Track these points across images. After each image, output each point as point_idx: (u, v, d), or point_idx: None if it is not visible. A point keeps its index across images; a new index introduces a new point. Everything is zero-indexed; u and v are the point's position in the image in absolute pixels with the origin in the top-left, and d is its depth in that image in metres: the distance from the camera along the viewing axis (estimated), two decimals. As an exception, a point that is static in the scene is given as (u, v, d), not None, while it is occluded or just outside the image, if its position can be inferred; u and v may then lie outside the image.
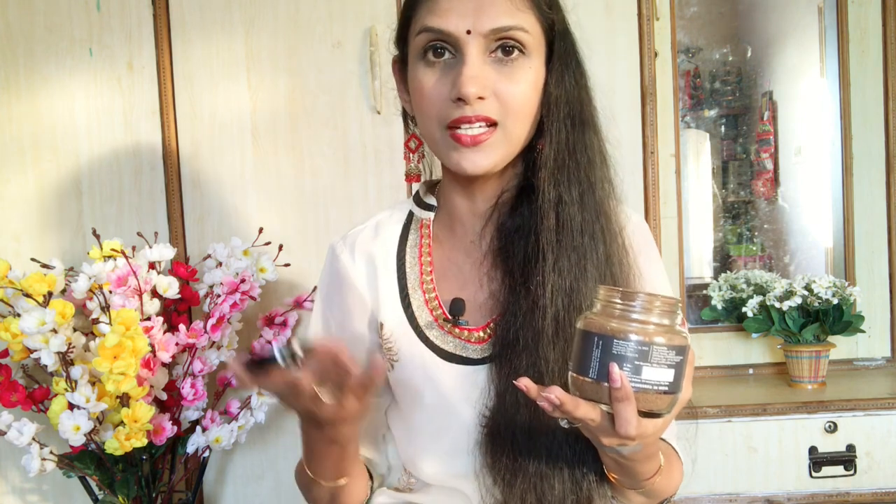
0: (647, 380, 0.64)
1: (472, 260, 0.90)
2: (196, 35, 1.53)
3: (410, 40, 0.83)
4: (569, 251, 0.81)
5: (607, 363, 0.64)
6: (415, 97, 0.84)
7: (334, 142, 1.54)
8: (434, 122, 0.81)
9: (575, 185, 0.82)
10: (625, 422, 0.64)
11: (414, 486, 0.94)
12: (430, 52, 0.81)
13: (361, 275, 0.92)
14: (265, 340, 1.46)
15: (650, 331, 0.64)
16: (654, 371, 0.64)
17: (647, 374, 0.64)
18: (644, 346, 0.64)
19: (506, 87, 0.80)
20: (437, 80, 0.80)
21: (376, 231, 0.94)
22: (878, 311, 1.71)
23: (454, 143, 0.80)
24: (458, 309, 0.86)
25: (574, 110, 0.83)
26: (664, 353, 0.64)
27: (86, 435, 1.23)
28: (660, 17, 1.62)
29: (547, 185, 0.82)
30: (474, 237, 0.90)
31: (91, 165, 1.54)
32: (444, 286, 0.90)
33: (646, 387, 0.64)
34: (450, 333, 0.87)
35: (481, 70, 0.79)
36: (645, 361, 0.64)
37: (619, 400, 0.63)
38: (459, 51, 0.79)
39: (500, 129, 0.80)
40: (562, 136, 0.83)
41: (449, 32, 0.79)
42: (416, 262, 0.91)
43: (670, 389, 0.65)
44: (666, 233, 1.66)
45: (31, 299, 1.23)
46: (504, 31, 0.79)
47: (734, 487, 1.43)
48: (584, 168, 0.83)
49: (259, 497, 1.58)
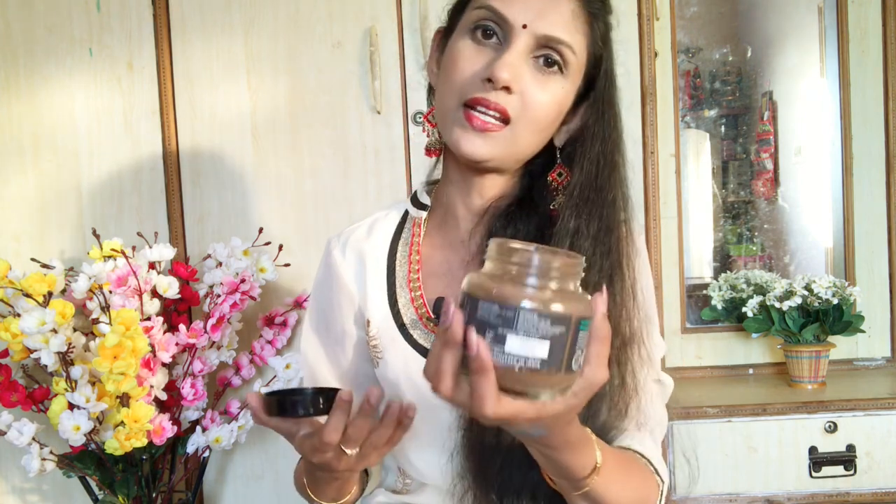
0: (512, 351, 0.54)
1: (461, 258, 0.90)
2: (196, 35, 1.53)
3: (466, 12, 0.83)
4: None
5: (469, 326, 0.55)
6: (447, 65, 0.83)
7: (334, 142, 1.54)
8: (454, 94, 0.81)
9: (595, 220, 0.83)
10: (478, 398, 0.56)
11: (410, 486, 0.95)
12: (479, 29, 0.81)
13: (350, 271, 0.93)
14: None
15: (520, 293, 0.54)
16: (522, 342, 0.54)
17: (513, 346, 0.54)
18: (509, 310, 0.54)
19: (534, 92, 0.80)
20: (475, 55, 0.81)
21: (370, 229, 0.96)
22: (878, 311, 1.71)
23: (463, 121, 0.80)
24: (441, 308, 0.86)
25: (607, 149, 0.84)
26: (535, 321, 0.53)
27: (86, 435, 1.23)
28: (660, 17, 1.62)
29: (568, 213, 0.83)
30: (465, 234, 0.90)
31: (91, 165, 1.54)
32: (430, 284, 0.91)
33: (510, 359, 0.54)
34: (432, 332, 0.88)
35: (519, 64, 0.79)
36: (510, 329, 0.54)
37: (473, 371, 0.55)
38: (507, 39, 0.80)
39: (510, 127, 0.80)
40: (592, 171, 0.83)
41: (507, 19, 0.79)
42: (405, 260, 0.92)
43: (544, 366, 0.54)
44: (666, 233, 1.66)
45: (31, 299, 1.23)
46: (556, 42, 0.80)
47: (734, 487, 1.43)
48: (607, 207, 0.84)
49: (259, 497, 1.58)
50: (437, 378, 0.59)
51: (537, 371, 0.55)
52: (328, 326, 0.96)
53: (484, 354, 0.54)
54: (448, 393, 0.59)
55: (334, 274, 0.95)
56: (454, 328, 0.56)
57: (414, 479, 0.94)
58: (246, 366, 1.48)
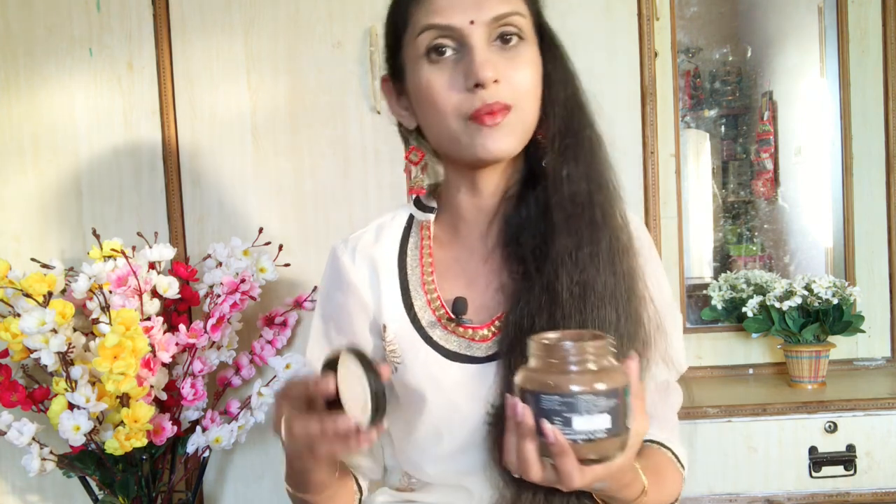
0: (581, 430, 0.63)
1: (478, 257, 0.90)
2: (196, 35, 1.53)
3: (408, 45, 0.84)
4: (583, 223, 0.83)
5: (540, 418, 0.64)
6: (424, 98, 0.83)
7: (334, 142, 1.54)
8: (452, 116, 0.82)
9: (581, 160, 0.85)
10: (565, 475, 0.66)
11: (415, 485, 0.94)
12: (433, 51, 0.81)
13: (363, 278, 0.92)
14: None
15: (573, 381, 0.63)
16: (587, 420, 0.63)
17: (580, 425, 0.63)
18: (569, 397, 0.63)
19: (513, 73, 0.81)
20: (449, 75, 0.81)
21: (377, 235, 0.95)
22: (878, 311, 1.71)
23: (478, 127, 0.81)
24: (461, 307, 0.86)
25: (570, 92, 0.86)
26: (592, 401, 0.63)
27: (86, 435, 1.23)
28: (660, 17, 1.62)
29: (556, 164, 0.84)
30: (480, 234, 0.91)
31: (91, 165, 1.54)
32: (446, 286, 0.90)
33: (581, 437, 0.63)
34: (453, 333, 0.88)
35: (490, 56, 0.80)
36: (574, 412, 0.63)
37: (555, 454, 0.65)
38: (465, 44, 0.80)
39: (514, 111, 0.82)
40: (564, 116, 0.85)
41: (452, 26, 0.80)
42: (417, 264, 0.92)
43: (610, 434, 0.64)
44: (666, 233, 1.66)
45: (31, 299, 1.23)
46: (505, 18, 0.81)
47: (734, 487, 1.43)
48: (586, 145, 0.86)
49: (259, 497, 1.58)
50: (526, 466, 0.69)
51: (605, 439, 0.64)
52: (339, 333, 0.95)
53: (561, 440, 0.64)
54: (538, 477, 0.69)
55: (345, 281, 0.93)
56: (527, 421, 0.66)
57: (419, 479, 0.94)
58: (246, 366, 1.48)
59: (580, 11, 1.55)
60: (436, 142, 0.87)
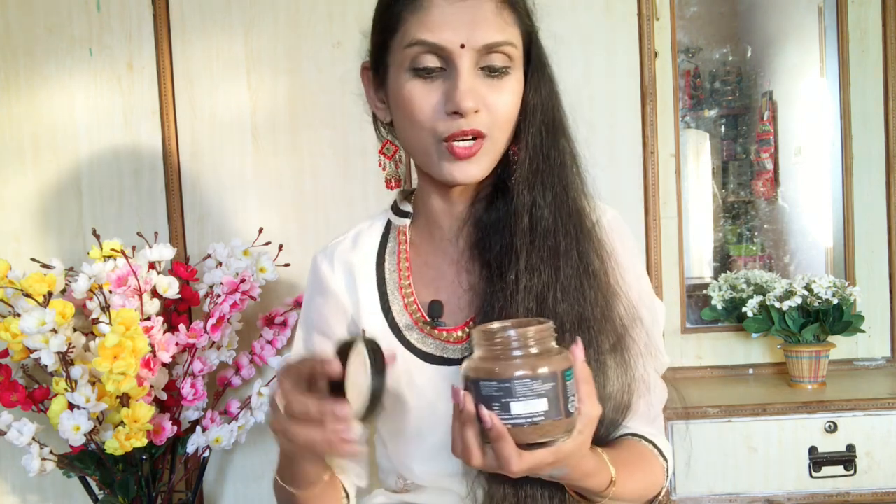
0: (518, 414, 0.65)
1: (450, 260, 0.92)
2: (196, 35, 1.53)
3: (395, 51, 0.84)
4: (542, 251, 0.83)
5: (479, 405, 0.66)
6: (402, 108, 0.84)
7: (334, 142, 1.54)
8: (427, 134, 0.82)
9: (549, 188, 0.85)
10: (504, 459, 0.67)
11: (409, 486, 0.95)
12: (419, 65, 0.81)
13: (340, 283, 0.95)
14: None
15: (510, 366, 0.65)
16: (524, 405, 0.64)
17: (517, 409, 0.65)
18: (504, 382, 0.64)
19: (495, 100, 0.81)
20: (429, 92, 0.81)
21: (355, 241, 0.97)
22: (878, 311, 1.71)
23: (449, 155, 0.82)
24: (436, 311, 0.88)
25: (547, 117, 0.86)
26: (528, 386, 0.64)
27: (86, 435, 1.23)
28: (660, 17, 1.62)
29: (521, 188, 0.85)
30: (452, 237, 0.92)
31: (91, 165, 1.54)
32: (422, 289, 0.92)
33: (519, 421, 0.65)
34: (429, 335, 0.89)
35: (474, 83, 0.80)
36: (511, 397, 0.64)
37: (493, 439, 0.66)
38: (451, 64, 0.80)
39: (487, 139, 0.82)
40: (537, 142, 0.85)
41: (443, 46, 0.79)
42: (394, 268, 0.94)
43: (548, 417, 0.65)
44: (666, 233, 1.66)
45: (31, 299, 1.23)
46: (496, 47, 0.80)
47: (734, 487, 1.43)
48: (557, 171, 0.86)
49: (259, 497, 1.58)
50: (467, 453, 0.69)
51: (542, 423, 0.65)
52: (321, 338, 0.97)
53: (498, 425, 0.65)
54: (479, 462, 0.69)
55: (324, 287, 0.96)
56: (468, 408, 0.67)
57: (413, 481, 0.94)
58: (246, 366, 1.48)
59: (580, 11, 1.55)
60: (408, 147, 0.88)
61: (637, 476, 0.83)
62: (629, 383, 0.86)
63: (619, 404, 0.86)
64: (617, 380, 0.85)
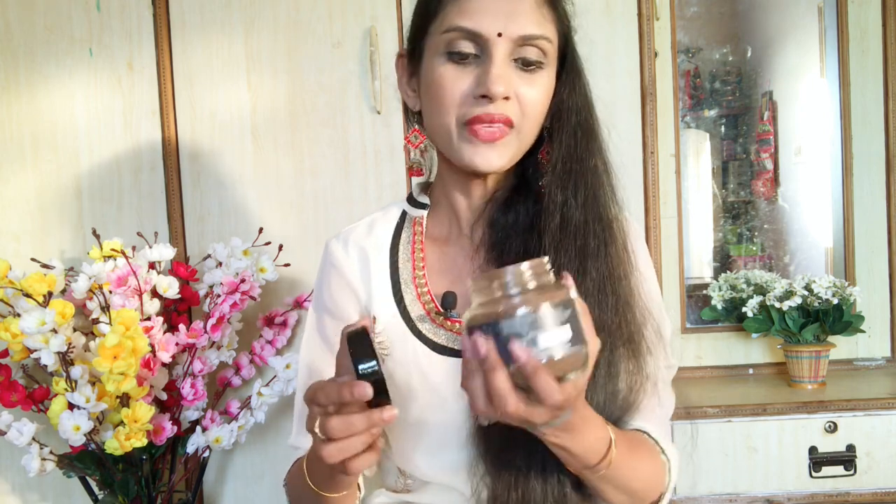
0: (546, 346, 0.62)
1: (465, 253, 0.92)
2: (196, 35, 1.53)
3: (432, 35, 0.84)
4: (571, 252, 0.83)
5: (505, 347, 0.63)
6: (431, 90, 0.84)
7: (334, 142, 1.54)
8: (451, 116, 0.83)
9: (581, 189, 0.85)
10: (546, 394, 0.63)
11: (411, 486, 0.94)
12: (455, 53, 0.82)
13: (354, 268, 0.94)
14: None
15: (531, 299, 0.63)
16: (551, 335, 0.62)
17: (545, 341, 0.62)
18: (531, 315, 0.62)
19: (527, 92, 0.82)
20: (460, 76, 0.82)
21: (370, 228, 0.97)
22: (878, 311, 1.71)
23: (470, 138, 0.82)
24: (450, 302, 0.88)
25: (582, 119, 0.86)
26: (552, 314, 0.62)
27: (86, 435, 1.23)
28: (660, 17, 1.62)
29: (554, 188, 0.85)
30: (468, 231, 0.92)
31: (91, 165, 1.54)
32: (436, 280, 0.92)
33: (549, 352, 0.62)
34: (441, 326, 0.89)
35: (507, 71, 0.81)
36: (538, 329, 0.62)
37: (529, 375, 0.62)
38: (486, 52, 0.81)
39: (515, 130, 0.83)
40: (571, 144, 0.85)
41: (479, 33, 0.80)
42: (408, 258, 0.94)
43: (574, 343, 0.63)
44: (666, 233, 1.66)
45: (31, 299, 1.23)
46: (532, 40, 0.81)
47: (734, 487, 1.43)
48: (590, 174, 0.86)
49: (259, 497, 1.58)
50: (502, 401, 0.64)
51: (569, 354, 0.63)
52: (333, 322, 0.96)
53: (532, 359, 0.61)
54: (514, 407, 0.64)
55: (337, 271, 0.95)
56: (492, 355, 0.62)
57: (416, 479, 0.94)
58: (246, 366, 1.48)
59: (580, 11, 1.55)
60: (432, 134, 0.88)
61: (637, 457, 0.81)
62: (638, 389, 0.86)
63: (627, 405, 0.85)
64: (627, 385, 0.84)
